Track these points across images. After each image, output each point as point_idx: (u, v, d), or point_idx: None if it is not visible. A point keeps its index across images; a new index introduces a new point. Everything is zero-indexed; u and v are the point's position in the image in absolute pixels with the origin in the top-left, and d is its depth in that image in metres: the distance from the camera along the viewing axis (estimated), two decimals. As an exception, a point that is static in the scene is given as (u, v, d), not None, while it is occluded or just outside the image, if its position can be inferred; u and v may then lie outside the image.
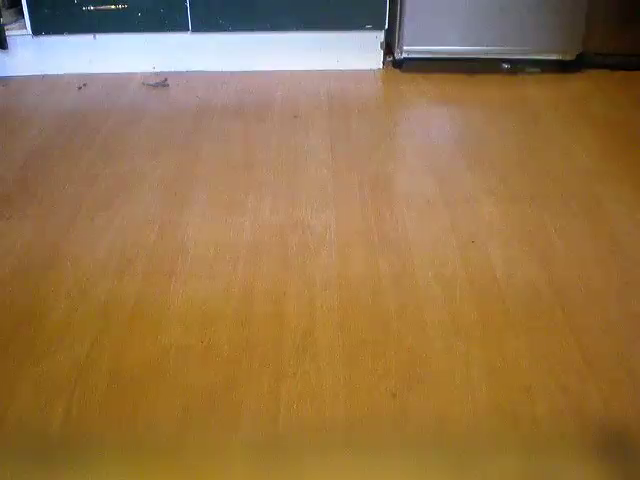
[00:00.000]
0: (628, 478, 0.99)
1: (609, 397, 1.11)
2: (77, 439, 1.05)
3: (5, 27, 2.33)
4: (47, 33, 2.33)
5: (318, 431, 1.05)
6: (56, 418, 1.08)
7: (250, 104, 2.19)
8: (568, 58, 2.40)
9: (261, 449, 1.03)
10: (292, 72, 2.43)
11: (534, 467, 1.00)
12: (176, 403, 1.10)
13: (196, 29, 2.35)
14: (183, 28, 2.34)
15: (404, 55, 2.40)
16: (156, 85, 2.33)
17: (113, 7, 2.29)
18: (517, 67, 2.44)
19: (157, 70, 2.43)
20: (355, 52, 2.44)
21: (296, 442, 1.04)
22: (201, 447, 1.03)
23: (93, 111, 2.15)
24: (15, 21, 2.37)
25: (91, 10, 2.29)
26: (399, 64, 2.44)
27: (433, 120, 2.09)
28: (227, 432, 1.05)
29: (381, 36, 2.41)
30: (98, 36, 2.34)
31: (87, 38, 2.34)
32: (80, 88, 2.31)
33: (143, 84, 2.34)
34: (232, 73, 2.42)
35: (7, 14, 2.35)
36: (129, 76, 2.39)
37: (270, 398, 1.11)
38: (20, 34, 2.34)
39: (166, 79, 2.36)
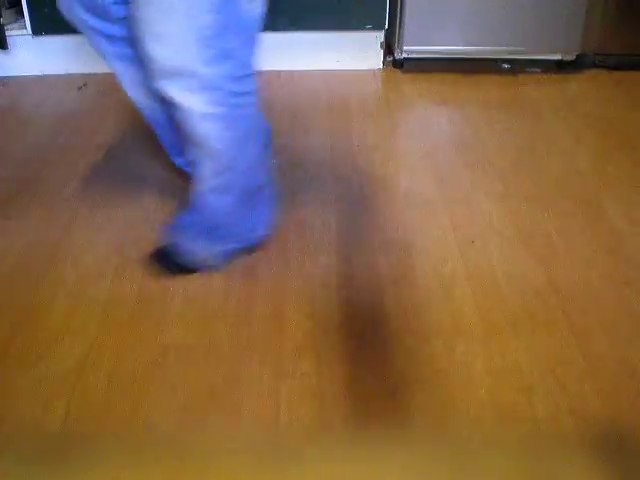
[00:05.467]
0: (627, 478, 0.99)
1: (609, 397, 1.11)
2: (77, 439, 1.05)
3: (5, 27, 2.33)
4: (47, 33, 2.33)
5: (318, 431, 1.05)
6: (56, 418, 1.08)
7: (250, 104, 2.19)
8: (568, 58, 2.40)
9: (261, 449, 1.03)
10: (292, 72, 2.43)
11: (534, 467, 1.00)
12: (176, 403, 1.10)
13: (196, 29, 2.34)
14: (183, 28, 2.34)
15: (404, 55, 2.40)
16: (156, 85, 2.33)
17: (113, 7, 2.29)
18: (517, 67, 2.44)
19: (157, 70, 2.43)
20: (355, 52, 2.44)
21: (296, 442, 1.04)
22: (201, 447, 1.03)
23: (93, 111, 2.15)
24: (15, 21, 2.37)
25: (91, 10, 2.29)
26: (399, 64, 2.44)
27: (433, 120, 2.09)
28: (227, 432, 1.05)
29: (381, 36, 2.41)
30: (98, 36, 2.34)
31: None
32: (80, 88, 2.31)
33: (143, 84, 2.34)
34: (232, 73, 2.42)
35: (7, 14, 2.35)
36: (129, 76, 2.39)
37: (270, 398, 1.11)
38: (20, 34, 2.34)
39: (166, 79, 2.36)
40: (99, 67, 2.40)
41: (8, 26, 2.34)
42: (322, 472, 1.00)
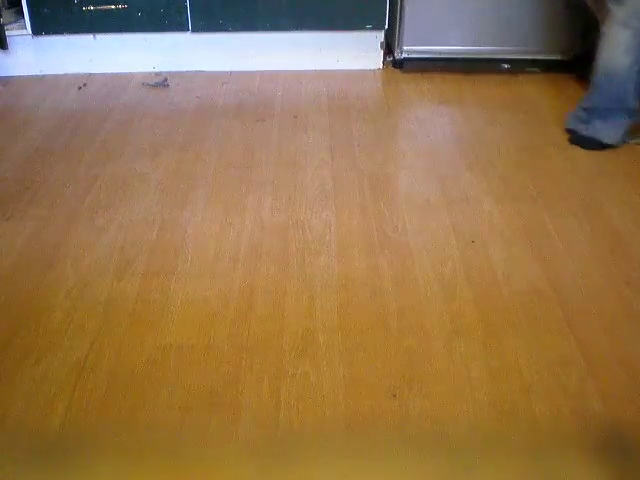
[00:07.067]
0: (628, 478, 0.99)
1: (609, 397, 1.11)
2: (77, 439, 1.05)
3: (5, 27, 2.33)
4: (47, 33, 2.33)
5: (318, 431, 1.05)
6: (56, 418, 1.08)
7: (250, 104, 2.19)
8: (568, 58, 2.40)
9: (261, 449, 1.03)
10: (292, 72, 2.43)
11: (534, 467, 1.00)
12: (176, 403, 1.10)
13: (196, 29, 2.35)
14: (183, 28, 2.34)
15: (404, 55, 2.40)
16: (156, 85, 2.33)
17: (113, 7, 2.29)
18: (517, 67, 2.44)
19: (157, 70, 2.43)
20: (355, 52, 2.44)
21: (296, 442, 1.04)
22: (201, 447, 1.03)
23: (93, 111, 2.15)
24: (15, 21, 2.37)
25: (91, 10, 2.29)
26: (399, 64, 2.44)
27: (433, 120, 2.09)
28: (227, 432, 1.05)
29: (381, 36, 2.41)
30: (98, 36, 2.34)
31: (87, 38, 2.34)
32: (80, 88, 2.31)
33: (143, 84, 2.34)
34: (232, 73, 2.42)
35: (7, 14, 2.35)
36: (129, 76, 2.39)
37: (270, 398, 1.11)
38: (20, 34, 2.34)
39: (166, 79, 2.36)
40: (99, 67, 2.40)
41: (8, 26, 2.34)
42: (322, 472, 1.00)
